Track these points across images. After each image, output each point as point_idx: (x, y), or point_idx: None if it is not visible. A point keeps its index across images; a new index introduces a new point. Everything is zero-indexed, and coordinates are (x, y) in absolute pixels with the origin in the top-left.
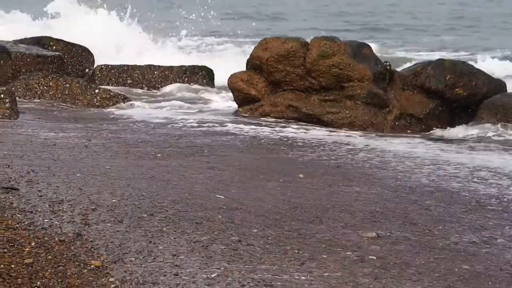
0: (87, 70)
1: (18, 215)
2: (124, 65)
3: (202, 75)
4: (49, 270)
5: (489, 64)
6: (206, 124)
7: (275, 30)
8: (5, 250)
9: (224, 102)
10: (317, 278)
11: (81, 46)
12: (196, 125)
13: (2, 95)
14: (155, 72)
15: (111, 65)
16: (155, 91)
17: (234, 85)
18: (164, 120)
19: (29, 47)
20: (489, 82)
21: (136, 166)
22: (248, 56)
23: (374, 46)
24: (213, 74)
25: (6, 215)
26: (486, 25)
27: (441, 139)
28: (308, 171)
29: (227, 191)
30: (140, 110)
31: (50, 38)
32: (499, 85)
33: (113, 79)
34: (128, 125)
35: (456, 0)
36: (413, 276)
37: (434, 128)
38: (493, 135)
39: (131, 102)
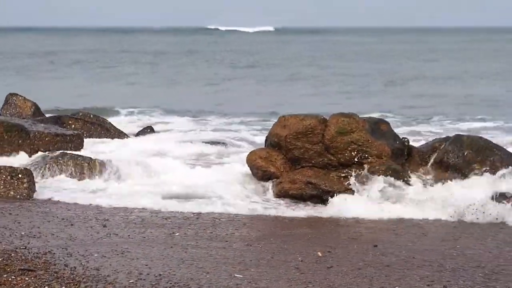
0: None
1: None
2: None
3: None
4: None
5: None
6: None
7: None
8: None
9: None
10: None
11: (100, 125)
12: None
13: (20, 175)
14: None
15: None
16: None
17: (253, 163)
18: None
19: (47, 126)
20: (508, 157)
21: (154, 245)
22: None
23: None
24: None
25: None
26: None
27: None
28: None
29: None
30: None
31: (69, 117)
32: None
33: None
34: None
35: None
36: None
37: None
38: None
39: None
